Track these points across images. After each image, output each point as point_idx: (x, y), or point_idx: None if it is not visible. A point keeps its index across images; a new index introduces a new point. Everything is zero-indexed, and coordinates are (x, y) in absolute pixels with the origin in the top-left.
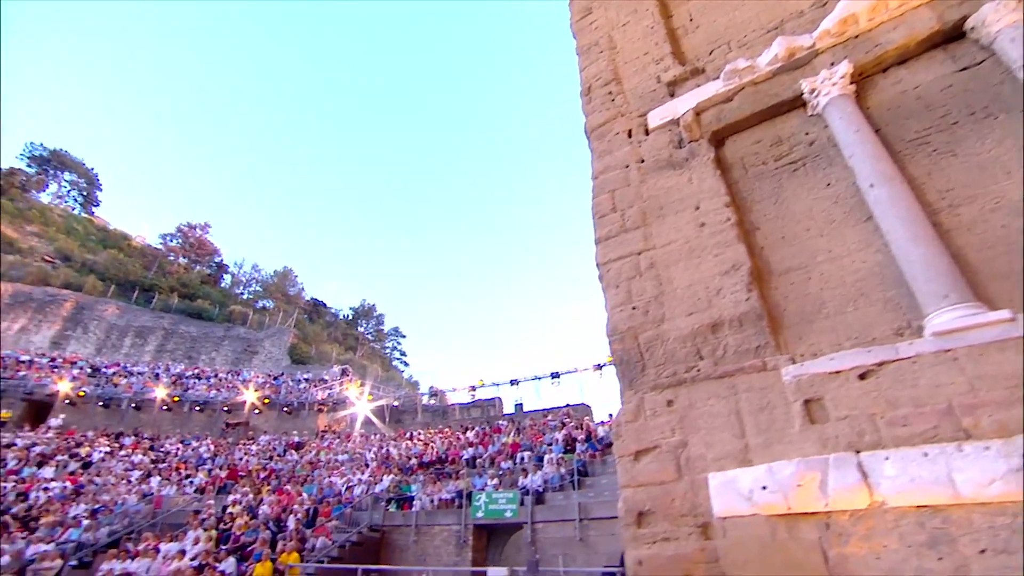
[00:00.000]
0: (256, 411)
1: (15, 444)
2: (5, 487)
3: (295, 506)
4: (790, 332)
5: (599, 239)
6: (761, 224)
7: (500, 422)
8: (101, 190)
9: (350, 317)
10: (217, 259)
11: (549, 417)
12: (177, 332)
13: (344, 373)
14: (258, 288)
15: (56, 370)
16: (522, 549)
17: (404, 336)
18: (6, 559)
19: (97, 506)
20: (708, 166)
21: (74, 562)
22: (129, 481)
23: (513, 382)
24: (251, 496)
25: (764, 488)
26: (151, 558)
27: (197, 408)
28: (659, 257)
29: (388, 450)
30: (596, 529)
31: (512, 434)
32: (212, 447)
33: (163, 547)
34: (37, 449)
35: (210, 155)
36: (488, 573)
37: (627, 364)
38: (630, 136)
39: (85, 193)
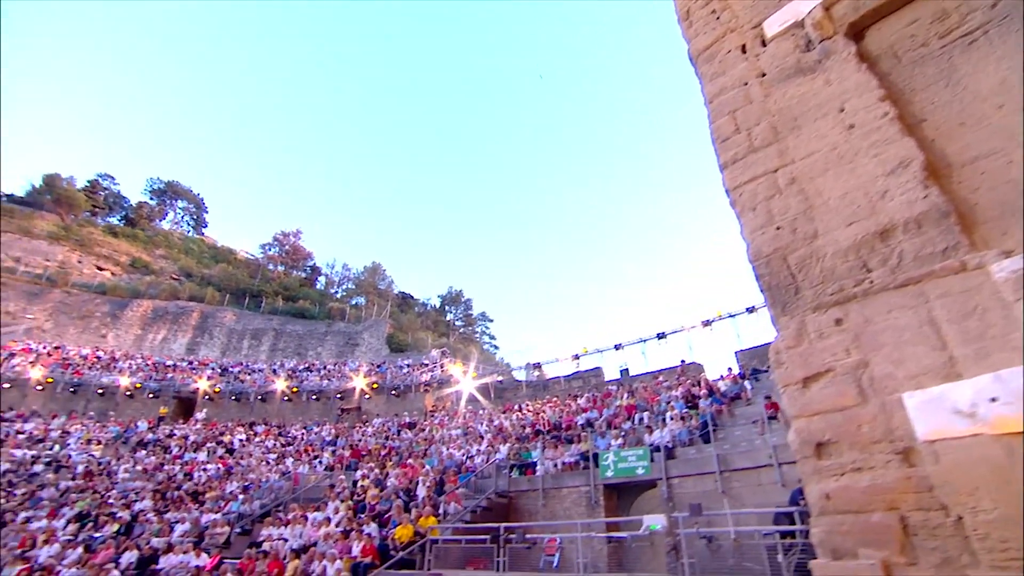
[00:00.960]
0: (366, 396)
1: (174, 435)
2: (175, 469)
3: (420, 477)
4: (989, 227)
5: (724, 164)
6: (927, 115)
7: (609, 387)
8: (207, 212)
9: (438, 305)
10: (310, 263)
11: (660, 378)
12: (285, 332)
13: (444, 355)
14: (350, 285)
15: (194, 371)
16: (660, 506)
17: (492, 320)
18: (187, 525)
19: (247, 483)
20: (849, 62)
21: (237, 529)
22: (267, 462)
23: (617, 346)
24: (377, 471)
25: (993, 400)
26: (301, 524)
27: (313, 397)
28: (800, 171)
29: (500, 422)
30: (740, 480)
31: (624, 397)
32: (332, 430)
33: (310, 516)
34: (191, 438)
35: (291, 162)
36: (644, 520)
37: (777, 288)
38: (744, 51)
39: (195, 217)
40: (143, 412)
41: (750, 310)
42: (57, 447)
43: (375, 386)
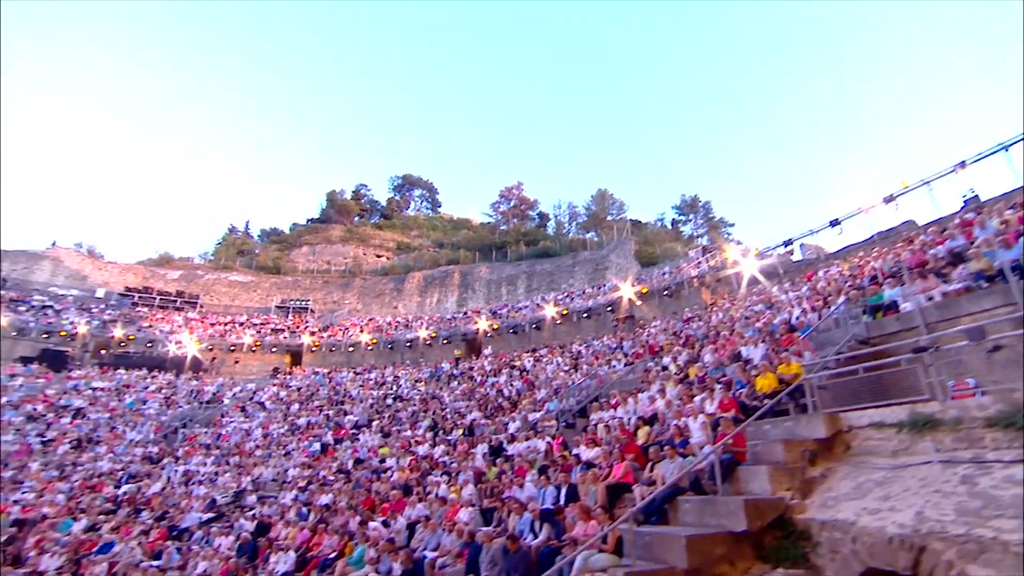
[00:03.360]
0: (637, 303)
1: (472, 367)
2: (485, 390)
3: (743, 347)
4: None
5: None
6: None
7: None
8: (438, 193)
9: (672, 221)
10: (537, 210)
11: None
12: (535, 272)
13: (705, 251)
14: (582, 219)
15: (469, 319)
16: None
17: (732, 224)
18: (518, 423)
19: (555, 388)
20: None
21: (563, 423)
22: (564, 371)
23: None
24: (684, 354)
25: None
26: (633, 401)
27: (584, 316)
28: None
29: (807, 288)
30: None
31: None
32: (613, 340)
33: (638, 396)
34: (488, 367)
35: (495, 121)
36: None
37: None
38: None
39: (431, 199)
40: (441, 356)
41: None
42: (395, 387)
43: (644, 291)
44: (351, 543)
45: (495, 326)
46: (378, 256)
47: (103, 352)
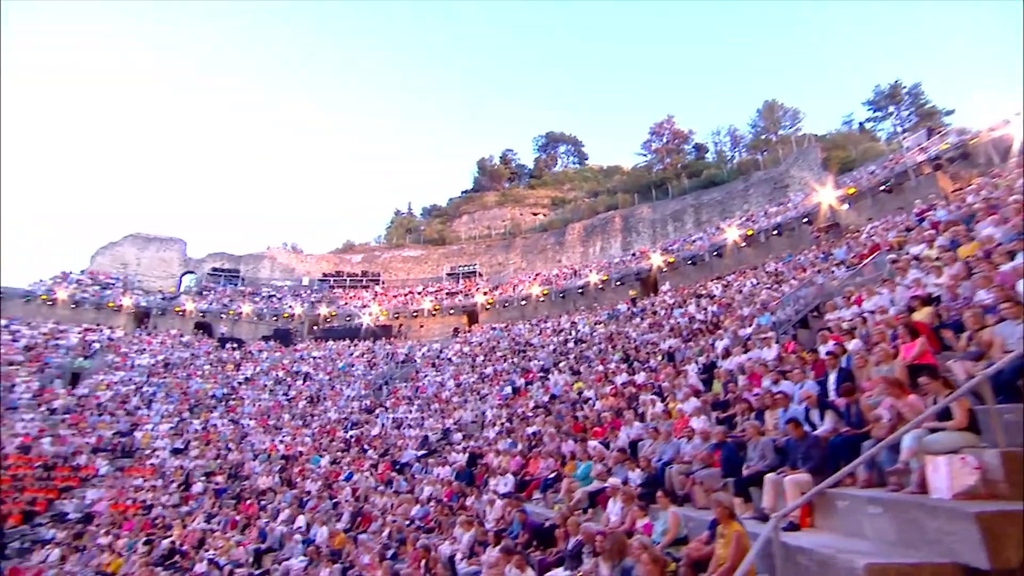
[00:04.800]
0: (840, 209)
1: (651, 304)
2: (675, 320)
3: None
4: None
5: None
6: None
7: None
8: (583, 146)
9: (862, 123)
10: (692, 142)
11: None
12: (703, 204)
13: (931, 132)
14: (748, 140)
15: (638, 259)
16: None
17: (950, 111)
18: (748, 330)
19: (760, 304)
20: None
21: (792, 332)
22: (767, 288)
23: None
24: (943, 238)
25: None
26: (890, 290)
27: (774, 233)
28: None
29: None
30: None
31: None
32: (818, 250)
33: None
34: (670, 301)
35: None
36: None
37: None
38: None
39: (577, 153)
40: (616, 298)
41: None
42: (573, 332)
43: (851, 191)
44: (571, 462)
45: (670, 260)
46: (534, 214)
47: (315, 328)
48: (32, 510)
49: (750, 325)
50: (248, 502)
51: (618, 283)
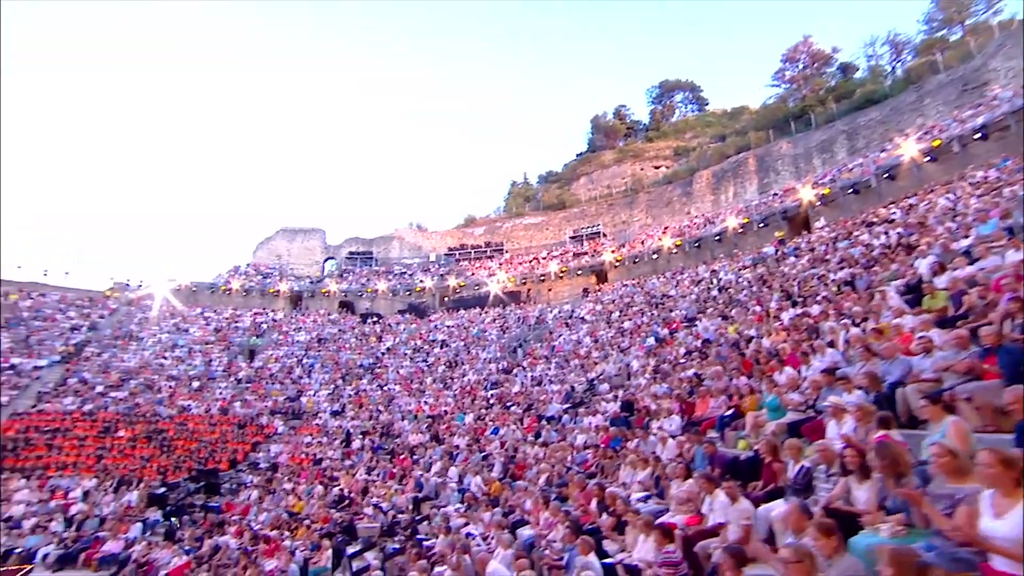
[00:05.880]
0: None
1: (802, 244)
2: (842, 253)
3: None
4: None
5: None
6: None
7: None
8: (702, 91)
9: None
10: (835, 64)
11: None
12: (860, 127)
13: None
14: (918, 38)
15: (780, 198)
16: None
17: None
18: (932, 258)
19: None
20: None
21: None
22: (976, 196)
23: None
24: None
25: None
26: None
27: (976, 137)
28: None
29: None
30: None
31: None
32: None
33: None
34: (831, 232)
35: None
36: None
37: None
38: None
39: (696, 99)
40: (759, 242)
41: None
42: (714, 280)
43: None
44: (750, 397)
45: (824, 192)
46: (655, 167)
47: (445, 299)
48: (235, 459)
49: (965, 237)
50: (402, 456)
51: (761, 225)
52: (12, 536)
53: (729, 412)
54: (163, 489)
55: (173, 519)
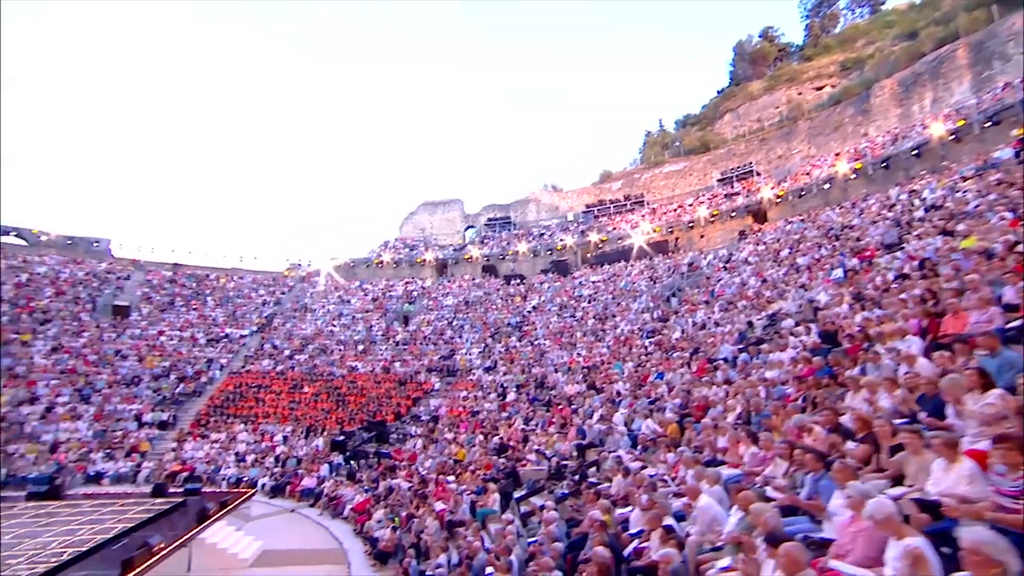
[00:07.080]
0: None
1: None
2: None
3: None
4: None
5: None
6: None
7: None
8: None
9: None
10: None
11: None
12: None
13: None
14: None
15: (1012, 88)
16: None
17: None
18: None
19: None
20: None
21: None
22: None
23: None
24: None
25: None
26: None
27: None
28: None
29: None
30: None
31: None
32: None
33: None
34: None
35: None
36: None
37: None
38: None
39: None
40: (980, 149)
41: None
42: (913, 203)
43: None
44: None
45: None
46: (817, 89)
47: (588, 256)
48: (399, 412)
49: None
50: (559, 406)
51: (986, 124)
52: (240, 468)
53: (1016, 323)
54: (342, 437)
55: (352, 462)
